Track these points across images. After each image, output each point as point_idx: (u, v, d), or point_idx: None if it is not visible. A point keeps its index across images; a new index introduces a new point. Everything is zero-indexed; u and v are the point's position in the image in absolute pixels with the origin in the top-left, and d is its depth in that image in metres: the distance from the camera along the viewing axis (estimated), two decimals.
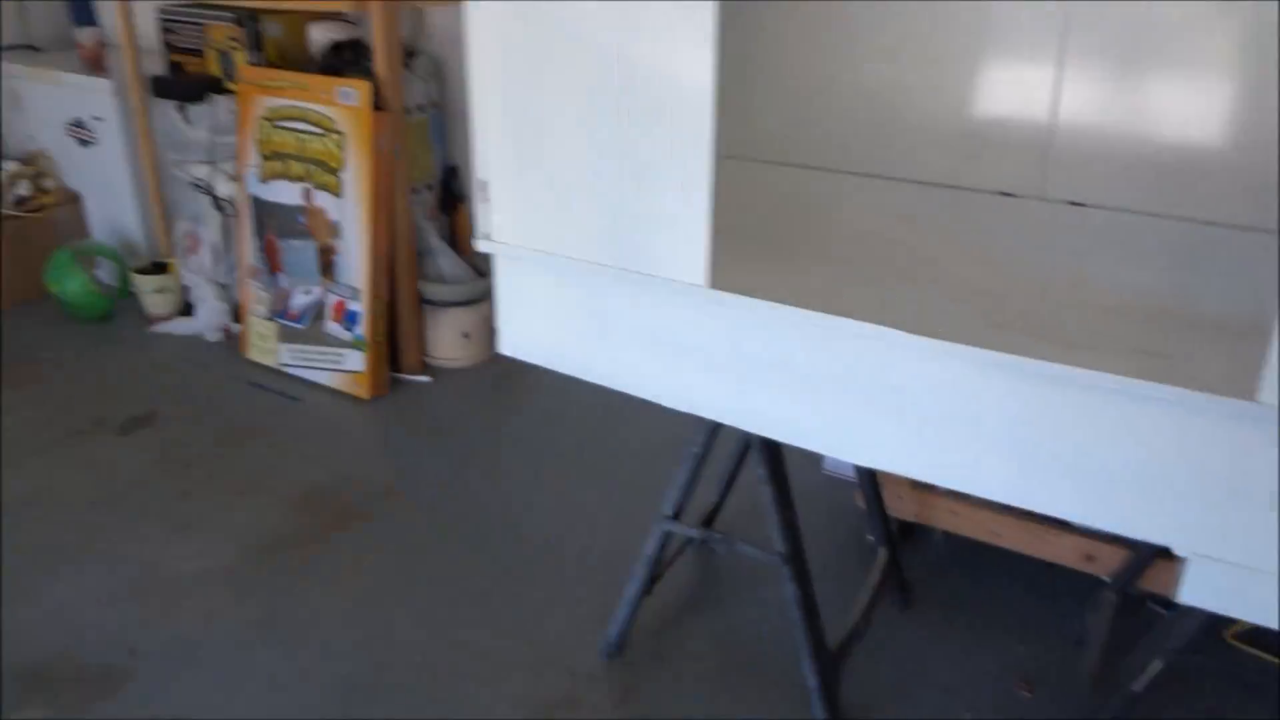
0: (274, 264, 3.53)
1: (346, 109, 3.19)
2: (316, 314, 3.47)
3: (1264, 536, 1.37)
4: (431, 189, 3.68)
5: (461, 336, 3.61)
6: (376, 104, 3.18)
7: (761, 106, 2.24)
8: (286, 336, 3.56)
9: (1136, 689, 1.83)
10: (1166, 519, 1.43)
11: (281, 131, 3.37)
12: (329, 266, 3.39)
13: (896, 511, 2.58)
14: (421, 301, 3.54)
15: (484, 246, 1.78)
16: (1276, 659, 2.27)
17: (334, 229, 3.33)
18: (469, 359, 3.66)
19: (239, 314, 3.78)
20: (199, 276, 3.86)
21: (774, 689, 2.21)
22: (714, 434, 2.08)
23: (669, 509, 2.15)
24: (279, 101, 3.36)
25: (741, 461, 2.44)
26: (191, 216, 3.82)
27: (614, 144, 1.58)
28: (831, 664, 2.12)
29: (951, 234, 2.10)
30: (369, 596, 2.50)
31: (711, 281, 1.55)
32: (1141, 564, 2.33)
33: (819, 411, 1.62)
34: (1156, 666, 1.80)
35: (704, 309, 1.62)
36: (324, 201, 3.32)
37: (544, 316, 1.83)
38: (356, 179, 3.23)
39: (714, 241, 1.56)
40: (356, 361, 3.41)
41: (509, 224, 1.74)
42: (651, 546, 2.18)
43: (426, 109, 3.56)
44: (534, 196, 1.69)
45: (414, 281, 3.49)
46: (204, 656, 2.29)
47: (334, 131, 3.23)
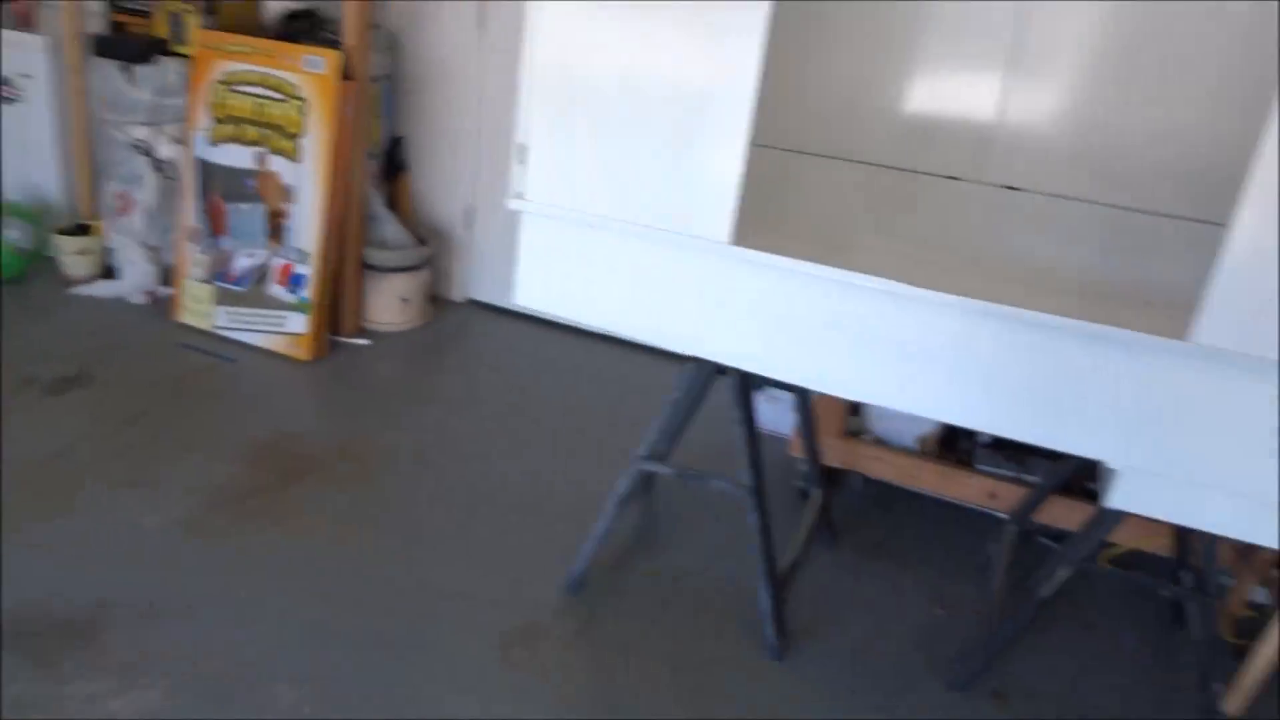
0: (217, 227, 3.57)
1: (312, 76, 3.28)
2: (259, 277, 3.53)
3: (1184, 452, 1.73)
4: (375, 158, 3.78)
5: (400, 301, 3.73)
6: (345, 73, 3.27)
7: None
8: (224, 299, 3.60)
9: (1045, 594, 2.17)
10: (1105, 439, 1.77)
11: (238, 96, 3.42)
12: (278, 230, 3.46)
13: (826, 459, 2.88)
14: (364, 267, 3.64)
15: (514, 205, 1.97)
16: (1150, 580, 2.68)
17: (286, 193, 3.40)
18: (405, 323, 3.79)
19: (169, 277, 3.78)
20: (128, 238, 3.83)
21: (723, 619, 2.48)
22: (704, 384, 2.30)
23: (645, 450, 2.37)
24: (237, 66, 3.41)
25: (693, 411, 2.67)
26: (125, 178, 3.79)
27: (659, 121, 1.84)
28: (781, 589, 2.40)
29: (905, 211, 2.41)
30: (333, 542, 2.61)
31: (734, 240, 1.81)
32: (1036, 500, 2.71)
33: (816, 352, 1.91)
34: (1064, 574, 2.13)
35: (724, 264, 1.87)
36: (279, 166, 3.39)
37: (563, 272, 2.05)
38: (316, 145, 3.32)
39: None
40: (299, 324, 3.49)
41: (543, 186, 1.94)
42: (624, 486, 2.40)
43: (380, 80, 3.66)
44: (573, 162, 1.90)
45: (360, 247, 3.59)
46: (173, 604, 2.31)
47: (296, 98, 3.31)
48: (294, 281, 3.47)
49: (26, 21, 3.99)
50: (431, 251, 3.83)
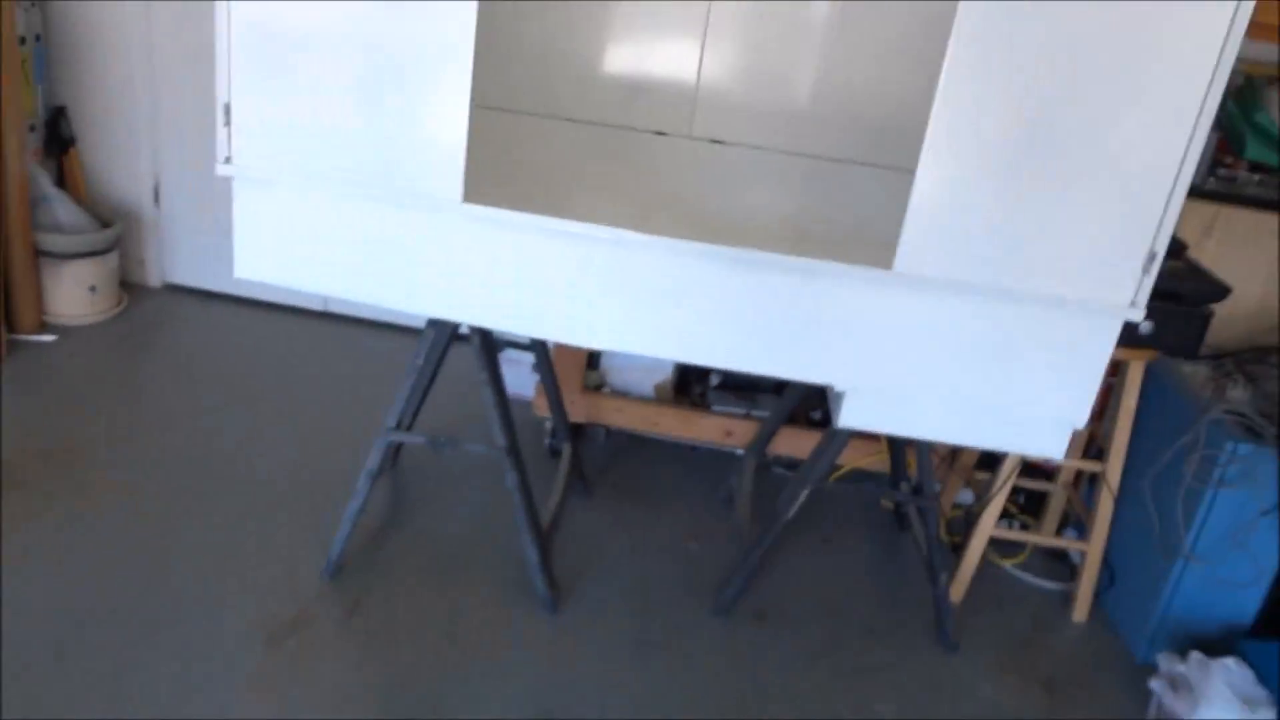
0: None
1: None
2: None
3: (898, 369, 1.91)
4: (34, 130, 3.32)
5: (88, 291, 3.33)
6: None
7: None
8: None
9: (789, 516, 2.33)
10: (830, 365, 1.92)
11: None
12: None
13: (570, 415, 2.91)
14: (38, 254, 3.21)
15: (223, 170, 1.80)
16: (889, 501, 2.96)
17: None
18: (97, 314, 3.39)
19: None
20: None
21: (492, 583, 2.46)
22: (444, 348, 2.24)
23: (392, 421, 2.28)
24: None
25: (434, 378, 2.61)
26: None
27: (380, 77, 1.74)
28: (546, 537, 2.41)
29: (621, 166, 2.47)
30: (70, 551, 2.34)
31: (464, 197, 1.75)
32: (769, 433, 2.90)
33: (556, 304, 1.90)
34: (804, 494, 2.30)
35: (456, 223, 1.81)
36: None
37: (285, 239, 1.90)
38: None
39: None
40: None
41: (255, 149, 1.78)
42: (375, 460, 2.30)
43: (28, 41, 3.21)
44: (288, 121, 1.76)
45: (28, 232, 3.16)
46: None
47: None
48: None
49: None
50: (118, 233, 3.44)
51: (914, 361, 1.93)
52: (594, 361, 3.05)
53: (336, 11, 1.72)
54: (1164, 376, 2.57)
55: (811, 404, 3.00)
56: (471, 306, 1.97)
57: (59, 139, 3.45)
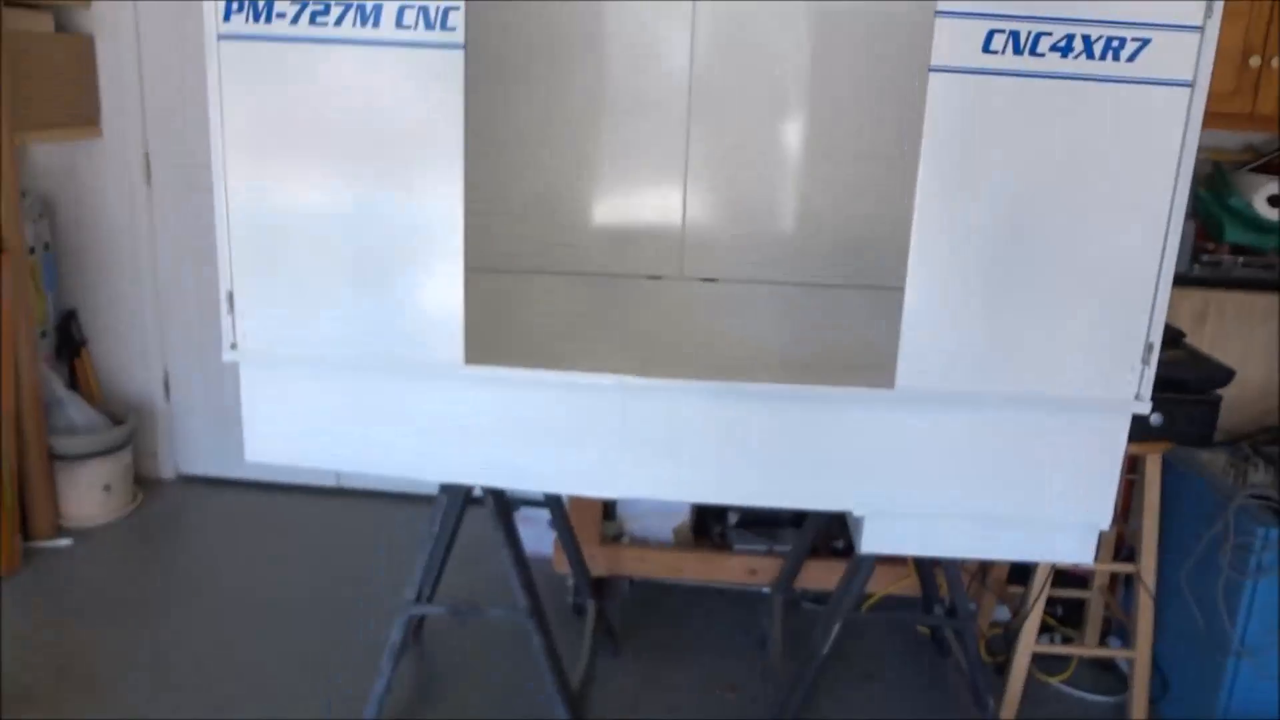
0: None
1: None
2: None
3: (912, 487, 1.89)
4: (46, 335, 3.41)
5: (102, 490, 3.35)
6: None
7: None
8: None
9: (825, 651, 2.26)
10: (844, 490, 1.90)
11: None
12: None
13: (592, 570, 2.87)
14: (52, 458, 3.25)
15: (229, 356, 1.84)
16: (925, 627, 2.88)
17: None
18: (111, 513, 3.40)
19: None
20: None
21: None
22: (459, 513, 2.23)
23: (412, 594, 2.24)
24: None
25: (451, 545, 2.58)
26: None
27: (377, 255, 1.81)
28: (577, 701, 2.33)
29: (616, 312, 2.52)
30: None
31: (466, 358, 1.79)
32: (793, 568, 2.84)
33: (567, 457, 1.91)
34: (837, 627, 2.24)
35: (460, 386, 1.84)
36: None
37: (293, 419, 1.94)
38: None
39: None
40: None
41: (259, 333, 1.83)
42: (397, 634, 2.26)
43: (38, 250, 3.33)
44: (289, 304, 1.82)
45: (43, 437, 3.20)
46: None
47: None
48: None
49: None
50: (131, 429, 3.49)
51: (928, 478, 1.92)
52: (610, 511, 3.02)
53: (327, 196, 1.79)
54: (1183, 467, 2.54)
55: (833, 534, 2.95)
56: (482, 468, 1.97)
57: (70, 342, 3.55)
